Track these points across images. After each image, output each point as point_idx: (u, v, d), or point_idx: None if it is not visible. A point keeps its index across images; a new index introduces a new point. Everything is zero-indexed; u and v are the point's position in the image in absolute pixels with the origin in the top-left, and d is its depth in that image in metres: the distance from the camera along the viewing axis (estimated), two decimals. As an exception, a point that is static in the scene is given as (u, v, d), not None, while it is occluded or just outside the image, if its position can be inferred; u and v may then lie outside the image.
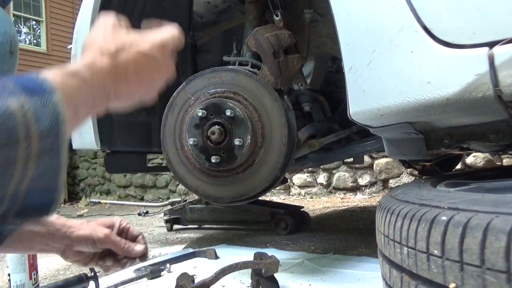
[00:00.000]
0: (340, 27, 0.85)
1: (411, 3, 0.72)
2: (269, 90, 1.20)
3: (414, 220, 0.55)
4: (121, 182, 5.90)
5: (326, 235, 1.95)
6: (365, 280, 1.17)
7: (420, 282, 0.53)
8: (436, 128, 0.84)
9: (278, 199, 4.05)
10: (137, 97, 0.57)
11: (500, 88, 0.63)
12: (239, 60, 1.35)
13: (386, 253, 0.64)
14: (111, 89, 0.49)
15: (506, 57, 0.62)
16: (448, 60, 0.68)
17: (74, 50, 1.55)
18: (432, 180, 0.88)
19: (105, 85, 0.48)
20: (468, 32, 0.66)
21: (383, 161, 3.61)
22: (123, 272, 1.47)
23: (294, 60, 1.25)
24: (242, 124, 1.18)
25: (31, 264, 1.19)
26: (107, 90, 0.49)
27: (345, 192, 3.87)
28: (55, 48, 10.02)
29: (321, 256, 1.51)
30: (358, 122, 0.89)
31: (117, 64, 0.50)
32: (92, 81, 0.46)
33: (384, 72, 0.77)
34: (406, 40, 0.73)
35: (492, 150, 0.95)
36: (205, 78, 1.26)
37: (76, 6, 9.84)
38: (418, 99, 0.72)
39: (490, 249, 0.43)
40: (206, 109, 1.20)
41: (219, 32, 1.80)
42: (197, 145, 1.21)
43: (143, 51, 0.52)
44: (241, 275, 1.21)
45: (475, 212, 0.47)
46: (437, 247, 0.49)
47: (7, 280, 1.19)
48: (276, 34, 1.23)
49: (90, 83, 0.46)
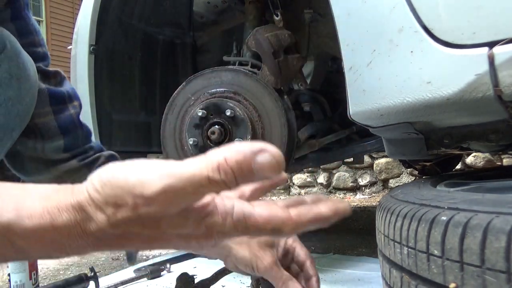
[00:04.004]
0: (340, 27, 0.85)
1: (411, 3, 0.72)
2: (269, 90, 1.20)
3: (414, 220, 0.55)
4: (121, 182, 5.89)
5: (326, 235, 1.95)
6: (365, 280, 1.17)
7: (420, 282, 0.53)
8: (436, 128, 0.84)
9: (278, 199, 4.05)
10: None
11: (500, 88, 0.63)
12: (239, 60, 1.35)
13: (386, 253, 0.64)
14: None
15: (506, 57, 0.62)
16: (448, 60, 0.68)
17: (74, 50, 1.55)
18: (432, 180, 0.88)
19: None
20: (468, 32, 0.66)
21: (383, 161, 3.61)
22: (123, 272, 1.47)
23: (294, 60, 1.25)
24: (242, 124, 1.18)
25: (31, 264, 1.19)
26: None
27: (345, 192, 3.87)
28: (55, 48, 10.02)
29: (321, 256, 1.51)
30: (358, 122, 0.89)
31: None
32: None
33: (384, 72, 0.77)
34: (406, 40, 0.73)
35: (492, 150, 0.95)
36: (205, 78, 1.26)
37: (76, 6, 9.84)
38: (418, 99, 0.72)
39: (490, 249, 0.43)
40: (206, 109, 1.20)
41: (219, 32, 1.80)
42: (197, 145, 1.21)
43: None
44: (241, 275, 1.21)
45: (475, 212, 0.47)
46: (437, 247, 0.49)
47: (7, 280, 1.19)
48: (276, 34, 1.23)
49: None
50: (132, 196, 0.31)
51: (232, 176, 0.30)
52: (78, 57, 1.51)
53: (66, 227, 0.32)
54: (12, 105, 0.67)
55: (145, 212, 0.31)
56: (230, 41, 1.56)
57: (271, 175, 0.31)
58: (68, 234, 0.32)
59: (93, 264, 1.66)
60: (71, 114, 0.83)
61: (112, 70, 1.55)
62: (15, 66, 0.67)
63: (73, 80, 1.58)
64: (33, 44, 0.79)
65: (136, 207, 0.31)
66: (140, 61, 1.64)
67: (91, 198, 0.32)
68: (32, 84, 0.72)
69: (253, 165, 0.30)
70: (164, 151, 1.32)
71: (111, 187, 0.31)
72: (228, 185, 0.31)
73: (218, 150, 0.32)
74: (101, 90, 1.51)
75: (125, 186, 0.31)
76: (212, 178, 0.30)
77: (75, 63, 1.54)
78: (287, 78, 1.25)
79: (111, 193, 0.31)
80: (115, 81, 1.57)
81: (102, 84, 1.51)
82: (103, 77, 1.52)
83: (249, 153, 0.30)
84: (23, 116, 0.71)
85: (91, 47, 1.46)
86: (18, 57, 0.69)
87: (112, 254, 1.88)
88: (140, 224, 0.32)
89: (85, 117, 1.50)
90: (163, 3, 1.64)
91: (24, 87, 0.69)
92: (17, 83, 0.68)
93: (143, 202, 0.31)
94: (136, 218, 0.32)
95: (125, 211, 0.31)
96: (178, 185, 0.30)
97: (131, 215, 0.31)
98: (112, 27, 1.52)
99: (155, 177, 0.31)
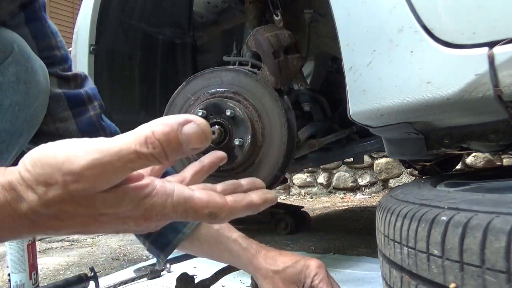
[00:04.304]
0: (340, 27, 0.85)
1: (411, 3, 0.72)
2: (269, 90, 1.20)
3: (414, 220, 0.55)
4: (121, 182, 5.89)
5: (326, 235, 1.95)
6: (365, 280, 1.17)
7: (420, 282, 0.53)
8: (436, 128, 0.84)
9: (278, 199, 4.05)
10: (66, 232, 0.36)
11: (500, 88, 0.63)
12: (239, 60, 1.35)
13: (386, 253, 0.64)
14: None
15: (506, 57, 0.62)
16: (448, 60, 0.68)
17: (74, 50, 1.55)
18: (432, 180, 0.88)
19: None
20: (468, 32, 0.66)
21: (383, 161, 3.61)
22: (123, 272, 1.47)
23: (294, 60, 1.25)
24: (242, 124, 1.18)
25: (31, 264, 1.19)
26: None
27: (345, 192, 3.87)
28: (55, 48, 10.02)
29: (321, 256, 1.51)
30: (358, 122, 0.89)
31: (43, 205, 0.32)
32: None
33: (384, 72, 0.77)
34: (406, 40, 0.73)
35: (492, 150, 0.95)
36: (205, 78, 1.26)
37: (76, 6, 9.83)
38: (418, 99, 0.72)
39: (490, 249, 0.42)
40: (206, 109, 1.20)
41: (219, 32, 1.80)
42: (197, 145, 1.21)
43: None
44: (241, 275, 1.21)
45: (475, 212, 0.47)
46: (437, 247, 0.49)
47: (7, 280, 1.19)
48: (276, 34, 1.23)
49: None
50: (61, 173, 0.30)
51: (160, 149, 0.30)
52: (78, 57, 1.51)
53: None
54: (20, 110, 0.67)
55: (75, 189, 0.31)
56: (230, 41, 1.56)
57: (198, 145, 0.31)
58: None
59: (93, 264, 1.66)
60: (91, 116, 0.81)
61: (112, 70, 1.56)
62: (23, 70, 0.66)
63: (73, 80, 1.58)
64: (50, 47, 0.78)
65: (66, 184, 0.31)
66: (140, 61, 1.64)
67: (21, 178, 0.32)
68: (42, 89, 0.71)
69: (180, 135, 0.30)
70: (164, 151, 1.32)
71: (41, 166, 0.31)
72: (157, 157, 0.30)
73: (145, 124, 0.31)
74: (101, 90, 1.49)
75: (54, 163, 0.31)
76: (139, 152, 0.30)
77: (75, 63, 1.53)
78: (287, 78, 1.25)
79: (41, 172, 0.31)
80: (115, 81, 1.57)
81: (102, 84, 1.51)
82: (103, 77, 1.52)
83: (175, 124, 0.30)
84: (31, 121, 0.70)
85: (91, 47, 1.46)
86: (27, 61, 0.67)
87: (112, 254, 1.88)
88: (73, 203, 0.32)
89: (85, 117, 1.50)
90: (163, 3, 1.64)
91: (32, 92, 0.68)
92: (25, 88, 0.67)
93: (72, 178, 0.31)
94: (68, 196, 0.31)
95: (56, 189, 0.31)
96: (105, 159, 0.30)
97: (62, 193, 0.31)
98: (112, 27, 1.52)
99: (82, 153, 0.30)
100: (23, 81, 0.66)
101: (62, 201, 0.32)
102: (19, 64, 0.66)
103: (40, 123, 0.73)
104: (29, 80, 0.67)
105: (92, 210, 0.32)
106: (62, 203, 0.32)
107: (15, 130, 0.67)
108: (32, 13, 0.74)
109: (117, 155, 0.30)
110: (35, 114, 0.71)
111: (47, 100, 0.74)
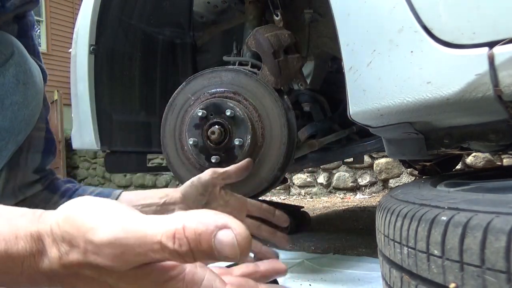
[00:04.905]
0: (340, 27, 0.85)
1: (411, 3, 0.72)
2: (269, 90, 1.20)
3: (414, 220, 0.55)
4: (121, 182, 5.89)
5: (326, 235, 1.95)
6: (365, 280, 1.17)
7: (420, 282, 0.53)
8: (436, 128, 0.84)
9: (278, 199, 4.05)
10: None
11: (500, 88, 0.63)
12: (239, 60, 1.35)
13: (386, 253, 0.64)
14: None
15: (506, 57, 0.62)
16: (448, 60, 0.68)
17: (74, 50, 1.55)
18: (432, 180, 0.88)
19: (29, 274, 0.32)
20: (468, 32, 0.66)
21: (383, 161, 3.61)
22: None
23: (294, 60, 1.25)
24: (242, 124, 1.18)
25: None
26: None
27: (345, 192, 3.87)
28: (55, 48, 10.02)
29: (321, 256, 1.51)
30: (358, 122, 0.89)
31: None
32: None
33: (384, 72, 0.77)
34: (406, 40, 0.73)
35: (492, 150, 0.95)
36: (205, 78, 1.26)
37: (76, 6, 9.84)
38: (418, 99, 0.72)
39: (490, 249, 0.43)
40: (206, 109, 1.20)
41: (219, 32, 1.80)
42: (197, 145, 1.21)
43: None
44: (241, 275, 1.21)
45: (475, 212, 0.47)
46: (437, 247, 0.49)
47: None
48: (276, 34, 1.23)
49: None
50: (83, 240, 0.29)
51: (187, 248, 0.27)
52: (78, 57, 1.51)
53: (20, 256, 0.31)
54: (19, 109, 0.69)
55: (93, 260, 0.29)
56: (230, 41, 1.56)
57: (232, 258, 0.27)
58: (21, 264, 0.31)
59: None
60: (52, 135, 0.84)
61: (112, 70, 1.56)
62: (22, 72, 0.69)
63: (73, 80, 1.58)
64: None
65: (86, 252, 0.30)
66: (140, 61, 1.64)
67: (51, 231, 0.31)
68: (38, 90, 0.73)
69: (213, 240, 0.27)
70: (164, 151, 1.32)
71: (70, 225, 0.30)
72: (182, 256, 0.27)
73: (181, 214, 0.28)
74: (101, 90, 1.51)
75: (81, 227, 0.30)
76: (164, 245, 0.27)
77: (75, 63, 1.54)
78: (287, 78, 1.25)
79: (69, 231, 0.30)
80: (115, 81, 1.57)
81: (102, 84, 1.51)
82: (103, 77, 1.52)
83: (212, 225, 0.27)
84: (28, 120, 0.72)
85: (91, 47, 1.46)
86: (25, 63, 0.70)
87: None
88: (91, 271, 0.30)
89: (85, 117, 1.50)
90: (163, 3, 1.64)
91: (30, 92, 0.71)
92: (24, 88, 0.69)
93: (92, 249, 0.29)
94: (86, 263, 0.30)
95: (76, 254, 0.30)
96: (127, 241, 0.28)
97: (81, 260, 0.30)
98: (112, 27, 1.52)
99: (108, 226, 0.29)
100: (22, 82, 0.69)
101: (81, 266, 0.30)
102: (18, 66, 0.68)
103: (35, 122, 0.76)
104: (27, 81, 0.70)
105: (110, 281, 0.31)
106: (81, 267, 0.31)
107: (14, 128, 0.69)
108: (23, 30, 0.77)
109: (141, 241, 0.28)
110: (32, 114, 0.73)
111: (41, 102, 0.76)
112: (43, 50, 9.99)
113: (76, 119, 1.60)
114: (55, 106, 6.82)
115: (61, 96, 6.73)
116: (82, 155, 6.65)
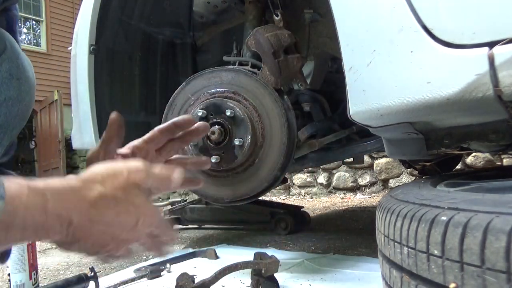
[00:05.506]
0: (340, 27, 0.85)
1: (411, 3, 0.72)
2: (269, 90, 1.20)
3: (414, 220, 0.55)
4: (121, 182, 5.88)
5: (326, 235, 1.95)
6: (365, 280, 1.17)
7: (420, 282, 0.53)
8: (436, 128, 0.84)
9: (278, 199, 4.05)
10: (101, 249, 0.45)
11: (500, 88, 0.63)
12: (239, 60, 1.35)
13: (386, 253, 0.64)
14: (68, 230, 0.41)
15: (506, 57, 0.62)
16: (448, 60, 0.68)
17: (74, 50, 1.55)
18: (432, 180, 0.88)
19: (61, 221, 0.41)
20: (468, 32, 0.66)
21: (383, 161, 3.61)
22: (123, 272, 1.47)
23: (294, 60, 1.25)
24: (242, 124, 1.18)
25: (31, 264, 1.19)
26: (62, 229, 0.41)
27: (345, 192, 3.87)
28: (55, 48, 10.01)
29: (321, 256, 1.51)
30: (358, 122, 0.89)
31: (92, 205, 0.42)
32: (53, 209, 0.40)
33: (384, 72, 0.77)
34: (406, 40, 0.73)
35: (492, 150, 0.95)
36: (205, 78, 1.26)
37: (76, 6, 9.83)
38: (418, 99, 0.72)
39: (490, 249, 0.43)
40: (206, 109, 1.20)
41: (219, 32, 1.80)
42: (197, 145, 1.21)
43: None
44: (241, 275, 1.21)
45: (475, 212, 0.47)
46: (437, 247, 0.49)
47: (7, 280, 1.19)
48: (276, 34, 1.23)
49: (49, 210, 0.39)
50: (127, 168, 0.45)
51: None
52: (78, 57, 1.51)
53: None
54: (13, 104, 0.69)
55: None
56: (230, 41, 1.56)
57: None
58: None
59: (93, 264, 1.66)
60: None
61: (112, 70, 1.56)
62: (15, 66, 0.69)
63: (73, 80, 1.58)
64: None
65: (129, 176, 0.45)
66: (140, 61, 1.64)
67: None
68: (31, 85, 0.73)
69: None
70: (164, 151, 1.32)
71: (103, 169, 0.46)
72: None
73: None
74: (101, 90, 1.51)
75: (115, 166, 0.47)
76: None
77: (75, 63, 1.54)
78: (287, 78, 1.25)
79: (105, 172, 0.45)
80: (115, 81, 1.57)
81: (102, 84, 1.51)
82: (103, 77, 1.52)
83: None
84: (22, 115, 0.72)
85: (91, 47, 1.46)
86: (18, 58, 0.70)
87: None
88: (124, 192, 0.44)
89: (85, 117, 1.50)
90: (163, 3, 1.64)
91: (23, 87, 0.71)
92: (17, 83, 0.69)
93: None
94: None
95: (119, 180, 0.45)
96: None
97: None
98: (112, 27, 1.52)
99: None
100: (16, 77, 0.69)
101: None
102: (11, 61, 0.68)
103: (29, 116, 0.76)
104: (21, 76, 0.70)
105: (138, 208, 0.45)
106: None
107: (9, 123, 0.70)
108: (9, 24, 0.76)
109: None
110: (26, 108, 0.73)
111: (34, 96, 0.77)
112: (43, 50, 9.98)
113: (76, 119, 1.60)
114: (55, 106, 6.82)
115: (61, 96, 6.73)
116: (82, 155, 6.64)
